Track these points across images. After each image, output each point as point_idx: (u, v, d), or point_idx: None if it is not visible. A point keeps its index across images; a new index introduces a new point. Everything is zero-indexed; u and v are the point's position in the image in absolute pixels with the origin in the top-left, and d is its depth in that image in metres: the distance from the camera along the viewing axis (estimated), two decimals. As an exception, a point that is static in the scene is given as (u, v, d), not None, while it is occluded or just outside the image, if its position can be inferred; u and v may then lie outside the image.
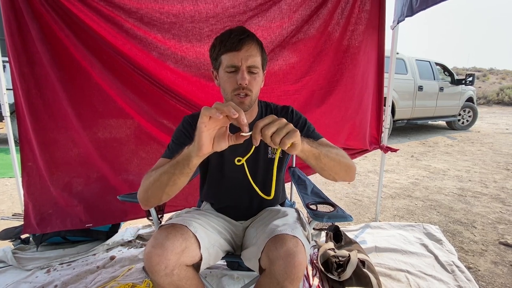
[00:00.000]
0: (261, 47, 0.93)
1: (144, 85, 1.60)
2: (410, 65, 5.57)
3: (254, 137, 0.59)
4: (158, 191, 0.78)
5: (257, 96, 0.97)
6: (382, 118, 1.99)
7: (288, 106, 1.09)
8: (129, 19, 1.49)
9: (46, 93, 1.51)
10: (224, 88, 0.92)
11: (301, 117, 1.05)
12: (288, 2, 1.59)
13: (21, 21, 1.40)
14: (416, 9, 1.52)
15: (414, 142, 5.39)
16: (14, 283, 1.38)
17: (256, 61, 0.88)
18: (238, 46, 0.85)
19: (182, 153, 0.70)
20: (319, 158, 0.75)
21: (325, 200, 1.23)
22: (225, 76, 0.90)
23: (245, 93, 0.88)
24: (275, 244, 0.76)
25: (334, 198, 2.60)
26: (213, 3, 1.52)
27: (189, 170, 0.70)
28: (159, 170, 0.77)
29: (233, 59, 0.86)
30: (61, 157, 1.58)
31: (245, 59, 0.86)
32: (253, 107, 0.98)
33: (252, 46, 0.88)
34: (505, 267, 1.56)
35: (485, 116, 9.65)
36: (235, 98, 0.89)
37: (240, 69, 0.86)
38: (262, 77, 0.96)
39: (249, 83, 0.87)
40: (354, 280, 1.23)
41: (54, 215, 1.60)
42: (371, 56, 1.85)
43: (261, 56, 0.92)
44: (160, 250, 0.74)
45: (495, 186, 2.89)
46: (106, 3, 1.44)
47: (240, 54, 0.86)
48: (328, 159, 0.77)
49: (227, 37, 0.87)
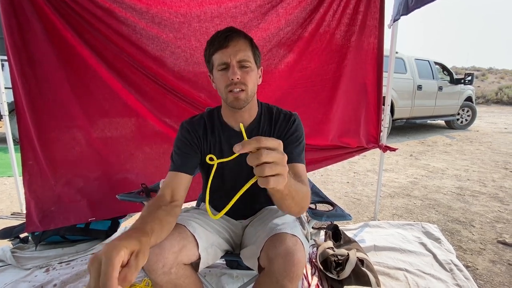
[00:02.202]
0: (251, 43, 0.91)
1: (147, 84, 1.65)
2: (409, 64, 5.57)
3: (244, 146, 0.46)
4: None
5: (254, 93, 0.94)
6: (381, 117, 1.99)
7: (292, 114, 1.01)
8: (142, 19, 1.54)
9: (47, 92, 1.53)
10: (219, 88, 0.91)
11: (300, 131, 0.97)
12: (284, 6, 1.65)
13: (21, 21, 1.42)
14: (412, 7, 1.52)
15: (413, 141, 5.40)
16: (13, 282, 1.38)
17: (246, 56, 0.87)
18: (225, 43, 0.85)
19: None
20: (284, 199, 0.67)
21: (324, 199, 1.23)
22: (218, 75, 0.89)
23: (240, 88, 0.87)
24: (274, 243, 0.77)
25: (333, 197, 2.61)
26: (217, 4, 1.57)
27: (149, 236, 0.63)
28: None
29: (222, 57, 0.86)
30: (65, 154, 1.62)
31: (233, 54, 0.85)
32: (251, 105, 0.95)
33: (239, 41, 0.87)
34: (503, 266, 1.56)
35: (484, 115, 9.67)
36: (229, 95, 0.88)
37: (230, 65, 0.86)
38: (257, 73, 0.94)
39: (242, 77, 0.86)
40: (353, 279, 1.24)
41: (56, 212, 1.62)
42: (367, 55, 1.87)
43: (252, 51, 0.90)
44: (158, 249, 0.75)
45: (493, 185, 2.90)
46: (118, 4, 1.49)
47: (228, 50, 0.85)
48: (290, 201, 0.68)
49: (214, 37, 0.88)
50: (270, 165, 0.47)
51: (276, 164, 0.47)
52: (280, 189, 0.61)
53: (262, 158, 0.46)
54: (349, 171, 3.46)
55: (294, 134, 0.95)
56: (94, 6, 1.47)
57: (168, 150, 1.76)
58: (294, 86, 1.83)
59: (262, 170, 0.46)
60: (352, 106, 1.98)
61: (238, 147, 0.46)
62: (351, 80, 1.89)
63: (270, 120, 0.99)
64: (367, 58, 1.87)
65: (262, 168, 0.47)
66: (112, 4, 1.48)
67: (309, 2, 1.67)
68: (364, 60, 1.87)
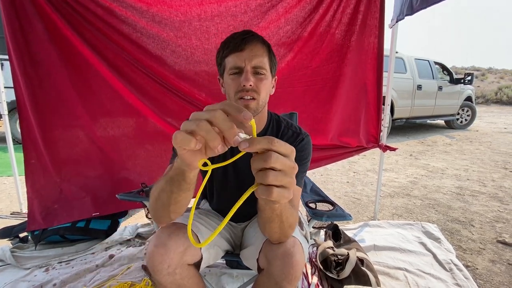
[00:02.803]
0: (269, 49, 0.86)
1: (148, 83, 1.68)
2: (409, 64, 5.57)
3: (252, 144, 0.38)
4: (164, 212, 0.67)
5: (266, 103, 0.88)
6: (381, 117, 2.00)
7: (302, 133, 0.94)
8: (142, 18, 1.56)
9: (51, 92, 1.56)
10: (228, 93, 0.85)
11: (306, 152, 0.91)
12: (284, 5, 1.66)
13: (23, 22, 1.44)
14: (417, 8, 1.52)
15: (413, 141, 5.40)
16: (12, 282, 1.38)
17: (262, 62, 0.81)
18: (241, 46, 0.80)
19: (174, 166, 0.55)
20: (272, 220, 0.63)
21: (324, 198, 1.23)
22: (229, 80, 0.83)
23: (251, 95, 0.80)
24: (272, 245, 0.76)
25: (333, 196, 2.61)
26: (217, 3, 1.58)
27: (188, 185, 0.57)
28: (159, 186, 0.65)
29: (237, 60, 0.80)
30: (68, 152, 1.65)
31: (249, 59, 0.79)
32: (260, 115, 0.89)
33: (257, 46, 0.82)
34: (502, 265, 1.57)
35: (483, 115, 9.68)
36: (239, 102, 0.81)
37: (244, 70, 0.80)
38: (271, 81, 0.88)
39: (254, 85, 0.80)
40: (353, 279, 1.23)
41: (60, 209, 1.65)
42: (367, 55, 1.87)
43: (269, 57, 0.85)
44: (163, 249, 0.74)
45: (493, 185, 2.90)
46: (118, 3, 1.50)
47: (244, 54, 0.80)
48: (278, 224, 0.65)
49: (230, 38, 0.83)
50: (277, 173, 0.39)
51: (285, 173, 0.39)
52: (274, 207, 0.57)
53: (270, 162, 0.38)
54: (349, 171, 3.46)
55: (299, 154, 0.87)
56: (95, 5, 1.49)
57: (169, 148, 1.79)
58: (294, 85, 1.84)
59: (266, 177, 0.38)
60: (352, 105, 1.99)
61: (245, 144, 0.38)
62: (351, 79, 1.90)
63: (276, 135, 0.94)
64: (367, 57, 1.87)
65: (266, 174, 0.38)
66: (112, 3, 1.50)
67: (308, 1, 1.68)
68: (364, 60, 1.88)
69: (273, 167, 0.39)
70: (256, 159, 0.39)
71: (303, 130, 0.97)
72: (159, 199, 0.64)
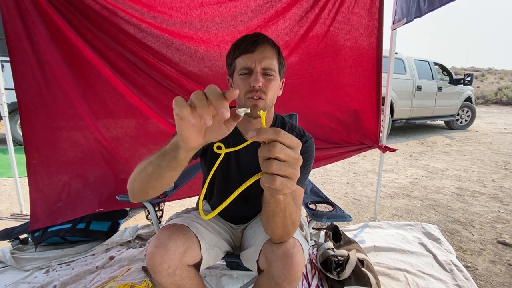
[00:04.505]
0: (278, 51, 0.88)
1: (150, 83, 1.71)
2: (409, 65, 5.58)
3: (259, 134, 0.41)
4: (143, 184, 0.67)
5: (273, 103, 0.90)
6: (380, 118, 2.00)
7: (306, 135, 0.97)
8: (146, 19, 1.60)
9: (57, 93, 1.58)
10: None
11: (309, 154, 0.93)
12: (283, 5, 1.70)
13: (28, 25, 1.47)
14: (425, 10, 1.52)
15: (412, 141, 5.41)
16: (12, 283, 1.37)
17: (271, 64, 0.84)
18: (252, 48, 0.83)
19: (171, 141, 0.57)
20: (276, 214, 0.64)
21: (324, 199, 1.23)
22: (238, 80, 0.86)
23: (259, 96, 0.83)
24: (272, 245, 0.76)
25: (333, 197, 2.61)
26: (217, 4, 1.62)
27: (177, 164, 0.57)
28: (148, 159, 0.66)
29: (247, 61, 0.83)
30: (73, 151, 1.69)
31: (259, 60, 0.82)
32: (267, 114, 0.92)
33: (267, 48, 0.84)
34: (503, 266, 1.57)
35: (483, 115, 9.69)
36: (248, 101, 0.84)
37: (254, 71, 0.83)
38: (279, 83, 0.90)
39: (263, 86, 0.83)
40: (353, 280, 1.24)
41: (64, 207, 1.68)
42: (367, 55, 1.88)
43: (278, 60, 0.87)
44: (163, 250, 0.74)
45: (493, 186, 2.90)
46: (121, 5, 1.54)
47: (254, 55, 0.83)
48: (281, 219, 0.66)
49: (241, 40, 0.86)
50: (281, 163, 0.42)
51: (289, 164, 0.42)
52: (279, 198, 0.58)
53: (275, 151, 0.41)
54: (349, 172, 3.46)
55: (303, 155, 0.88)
56: (100, 7, 1.52)
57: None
58: (291, 78, 1.90)
59: (270, 166, 0.41)
60: (351, 106, 2.00)
61: (252, 133, 0.41)
62: (350, 79, 1.92)
63: None
64: (367, 57, 1.88)
65: (270, 163, 0.41)
66: (116, 5, 1.54)
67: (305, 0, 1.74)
68: (364, 60, 1.89)
69: (278, 157, 0.42)
70: (263, 148, 0.42)
71: (307, 132, 0.99)
72: (144, 171, 0.65)
